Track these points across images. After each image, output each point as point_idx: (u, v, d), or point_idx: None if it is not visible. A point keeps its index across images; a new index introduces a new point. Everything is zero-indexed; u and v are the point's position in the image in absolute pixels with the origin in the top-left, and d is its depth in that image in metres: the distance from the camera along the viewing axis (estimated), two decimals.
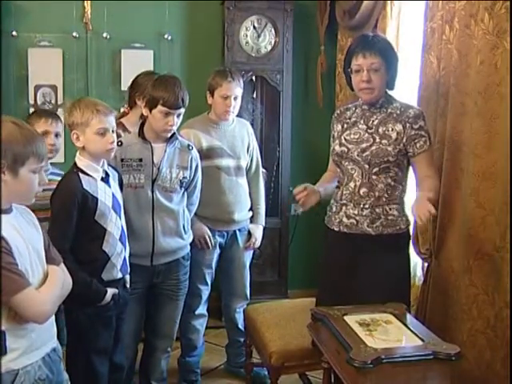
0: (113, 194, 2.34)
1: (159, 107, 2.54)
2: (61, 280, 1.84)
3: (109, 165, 2.41)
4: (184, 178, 2.70)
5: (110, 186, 2.34)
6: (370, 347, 1.91)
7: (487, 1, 2.20)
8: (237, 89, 3.00)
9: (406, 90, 2.93)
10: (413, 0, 2.97)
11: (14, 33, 3.72)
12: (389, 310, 2.22)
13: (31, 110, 3.77)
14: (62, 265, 1.90)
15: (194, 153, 2.77)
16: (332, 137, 2.62)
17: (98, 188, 2.28)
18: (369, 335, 2.02)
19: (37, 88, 3.78)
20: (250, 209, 3.20)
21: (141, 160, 2.61)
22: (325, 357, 2.15)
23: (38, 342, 1.77)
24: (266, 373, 2.85)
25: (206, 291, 3.11)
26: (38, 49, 3.78)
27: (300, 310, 2.80)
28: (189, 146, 2.75)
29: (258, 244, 3.24)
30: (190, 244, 2.84)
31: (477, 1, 2.26)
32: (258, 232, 3.22)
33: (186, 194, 2.75)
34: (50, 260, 1.84)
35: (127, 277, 2.45)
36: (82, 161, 2.30)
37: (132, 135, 2.68)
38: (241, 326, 3.19)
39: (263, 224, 3.25)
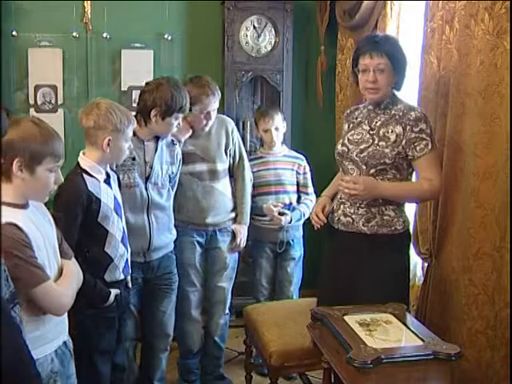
0: (114, 196, 2.35)
1: (175, 114, 2.60)
2: (75, 273, 1.91)
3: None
4: (172, 173, 2.76)
5: (111, 188, 2.35)
6: (369, 347, 1.91)
7: (487, 1, 2.19)
8: (216, 102, 2.93)
9: (406, 90, 2.93)
10: (413, 0, 2.97)
11: (14, 33, 3.71)
12: (389, 310, 2.22)
13: (31, 110, 3.79)
14: (74, 259, 1.96)
15: (178, 147, 2.82)
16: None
17: (101, 190, 2.28)
18: (369, 335, 2.02)
19: (37, 88, 3.78)
20: (234, 209, 3.11)
21: (134, 159, 2.62)
22: (325, 357, 2.15)
23: (51, 335, 1.82)
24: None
25: (195, 292, 3.02)
26: (38, 49, 3.77)
27: (300, 310, 2.80)
28: (172, 141, 2.80)
29: (242, 245, 3.14)
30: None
31: (477, 1, 2.25)
32: (242, 232, 3.11)
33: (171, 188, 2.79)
34: (62, 254, 1.91)
35: (129, 277, 2.46)
36: (86, 161, 2.30)
37: None
38: (217, 338, 3.10)
39: (247, 223, 3.14)
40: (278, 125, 3.34)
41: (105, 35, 3.82)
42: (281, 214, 3.24)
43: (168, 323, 2.83)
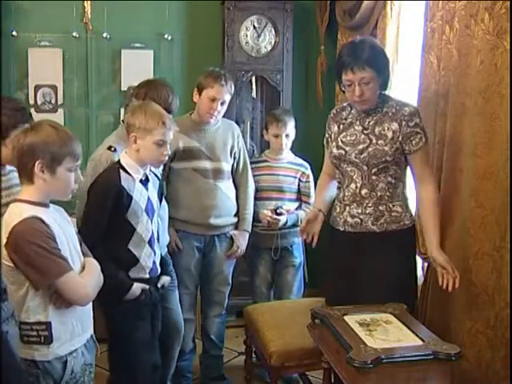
0: (148, 198, 2.37)
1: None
2: (97, 268, 2.01)
3: (152, 172, 2.47)
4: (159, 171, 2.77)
5: (147, 190, 2.38)
6: (369, 347, 1.91)
7: (487, 1, 2.20)
8: (226, 94, 2.91)
9: (406, 90, 2.93)
10: (413, 0, 2.97)
11: (14, 33, 3.72)
12: (389, 310, 2.22)
13: (31, 110, 3.77)
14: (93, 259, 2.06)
15: None
16: (328, 138, 2.60)
17: (135, 188, 2.32)
18: (369, 335, 2.03)
19: (37, 88, 3.78)
20: (236, 214, 3.06)
21: None
22: (325, 357, 2.15)
23: (79, 329, 1.93)
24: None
25: (186, 295, 3.00)
26: (38, 49, 3.78)
27: (300, 310, 2.80)
28: None
29: (241, 252, 3.08)
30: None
31: (477, 1, 2.26)
32: (241, 239, 3.05)
33: None
34: (83, 254, 2.01)
35: (164, 278, 2.49)
36: (126, 159, 2.35)
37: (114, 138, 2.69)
38: (214, 336, 3.10)
39: (249, 230, 3.07)
40: (290, 131, 3.26)
41: (105, 35, 3.82)
42: (278, 214, 3.14)
43: (178, 319, 2.82)
